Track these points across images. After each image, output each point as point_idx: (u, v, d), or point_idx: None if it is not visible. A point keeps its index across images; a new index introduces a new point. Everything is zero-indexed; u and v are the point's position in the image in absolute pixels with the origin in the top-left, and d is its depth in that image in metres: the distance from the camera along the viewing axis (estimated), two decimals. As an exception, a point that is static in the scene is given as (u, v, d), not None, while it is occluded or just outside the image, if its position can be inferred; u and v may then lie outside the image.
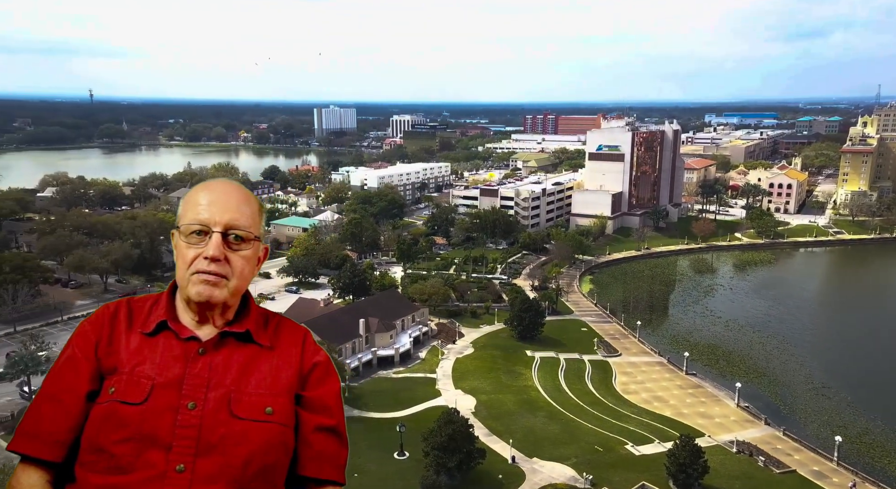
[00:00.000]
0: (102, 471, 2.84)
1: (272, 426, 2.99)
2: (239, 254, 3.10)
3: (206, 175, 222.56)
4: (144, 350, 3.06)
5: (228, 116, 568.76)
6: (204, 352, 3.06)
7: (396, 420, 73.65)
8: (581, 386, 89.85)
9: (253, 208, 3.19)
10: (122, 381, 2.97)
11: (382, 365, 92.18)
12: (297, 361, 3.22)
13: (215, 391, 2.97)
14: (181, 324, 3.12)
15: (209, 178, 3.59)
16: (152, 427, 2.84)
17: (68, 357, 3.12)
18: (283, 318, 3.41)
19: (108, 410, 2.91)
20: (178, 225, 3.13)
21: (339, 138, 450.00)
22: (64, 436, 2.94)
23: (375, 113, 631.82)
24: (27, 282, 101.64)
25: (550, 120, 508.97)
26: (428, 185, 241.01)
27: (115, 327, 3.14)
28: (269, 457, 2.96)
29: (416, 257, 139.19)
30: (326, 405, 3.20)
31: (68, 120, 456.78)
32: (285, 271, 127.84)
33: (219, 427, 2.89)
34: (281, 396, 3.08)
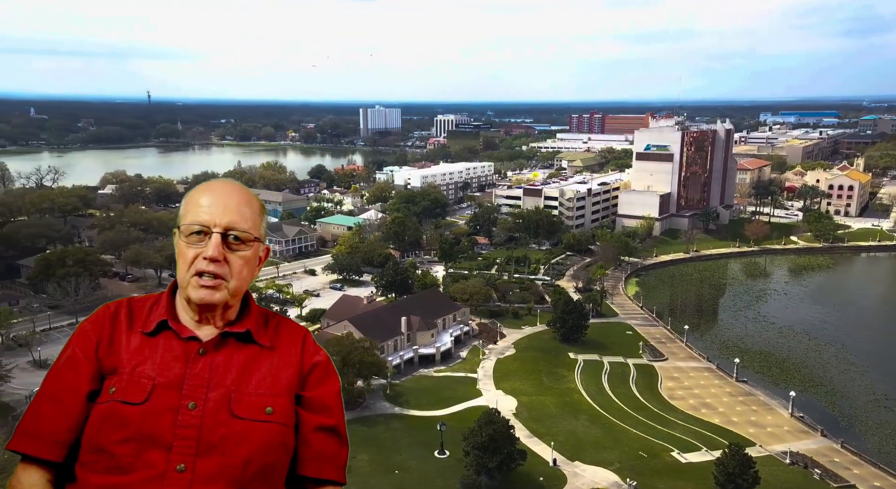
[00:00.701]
0: (103, 470, 2.84)
1: (272, 426, 2.99)
2: (238, 255, 3.09)
3: (255, 174, 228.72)
4: (145, 350, 3.06)
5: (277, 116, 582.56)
6: (204, 353, 3.06)
7: (437, 418, 73.76)
8: (625, 390, 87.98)
9: (254, 210, 3.18)
10: (122, 381, 2.96)
11: (423, 363, 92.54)
12: (297, 361, 3.21)
13: (216, 391, 2.96)
14: (181, 325, 3.12)
15: (261, 176, 3.52)
16: (153, 427, 2.84)
17: (69, 357, 3.11)
18: (283, 318, 3.40)
19: (109, 410, 2.90)
20: (179, 224, 3.13)
21: (383, 138, 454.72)
22: (64, 436, 2.94)
23: (420, 113, 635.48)
24: (88, 276, 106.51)
25: (597, 119, 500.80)
26: (471, 184, 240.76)
27: (116, 327, 3.14)
28: (269, 457, 2.95)
29: (458, 256, 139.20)
30: (326, 405, 3.19)
31: (127, 120, 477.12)
32: (330, 269, 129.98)
33: (219, 427, 2.89)
34: (281, 396, 3.08)
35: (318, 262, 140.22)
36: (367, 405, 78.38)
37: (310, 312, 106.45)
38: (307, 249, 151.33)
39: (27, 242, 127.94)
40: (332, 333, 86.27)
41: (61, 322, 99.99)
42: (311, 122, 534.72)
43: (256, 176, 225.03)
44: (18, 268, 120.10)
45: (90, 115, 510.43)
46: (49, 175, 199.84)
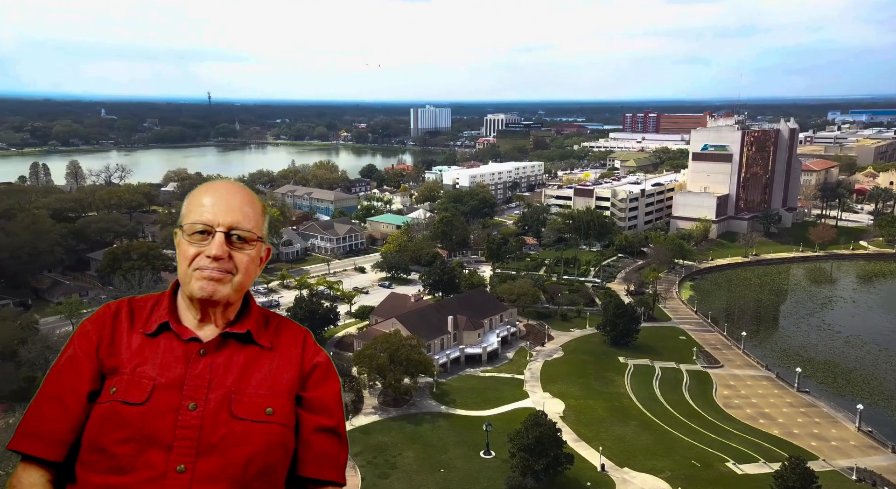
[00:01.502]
0: (103, 470, 2.83)
1: (273, 427, 2.99)
2: (241, 254, 3.11)
3: (308, 172, 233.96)
4: (146, 350, 3.05)
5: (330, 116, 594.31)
6: (205, 353, 3.05)
7: (482, 418, 73.45)
8: (677, 396, 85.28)
9: (256, 209, 3.19)
10: (123, 381, 2.96)
11: (470, 363, 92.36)
12: (298, 362, 3.21)
13: (216, 392, 2.96)
14: (182, 326, 3.12)
15: (314, 175, 3.42)
16: (153, 427, 2.84)
17: (69, 357, 3.10)
18: (283, 319, 3.40)
19: (109, 410, 2.90)
20: (181, 224, 3.12)
21: (433, 137, 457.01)
22: (65, 436, 2.93)
23: (470, 112, 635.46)
24: (151, 269, 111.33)
25: (651, 118, 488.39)
26: (520, 184, 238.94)
27: (117, 327, 3.13)
28: (269, 457, 2.95)
29: (506, 257, 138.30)
30: (326, 406, 3.19)
31: (189, 120, 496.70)
32: (379, 266, 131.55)
33: (219, 427, 2.89)
34: (281, 397, 3.08)
35: (367, 260, 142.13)
36: (414, 403, 78.82)
37: (359, 309, 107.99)
38: (357, 247, 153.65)
39: (96, 237, 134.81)
40: (380, 330, 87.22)
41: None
42: (363, 122, 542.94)
43: (309, 175, 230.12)
44: (88, 261, 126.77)
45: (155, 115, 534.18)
46: (117, 173, 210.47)
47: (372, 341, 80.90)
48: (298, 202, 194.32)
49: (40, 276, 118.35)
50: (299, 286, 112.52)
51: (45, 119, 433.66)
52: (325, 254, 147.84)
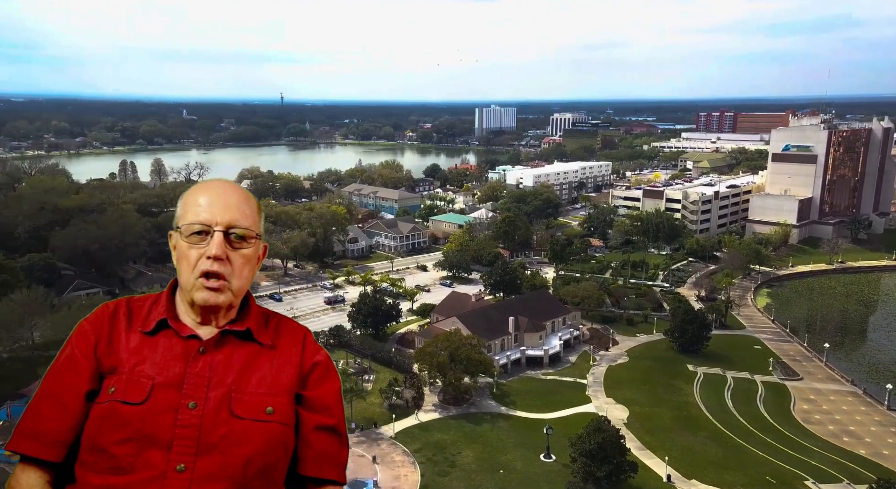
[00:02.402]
0: (103, 471, 2.82)
1: (273, 425, 2.97)
2: (240, 253, 3.10)
3: (374, 172, 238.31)
4: (144, 349, 3.03)
5: (397, 116, 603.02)
6: (204, 351, 3.03)
7: (543, 421, 72.31)
8: (751, 408, 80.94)
9: (252, 207, 3.18)
10: (122, 381, 2.94)
11: (531, 365, 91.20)
12: (298, 361, 3.18)
13: (216, 390, 2.94)
14: (181, 323, 3.09)
15: (379, 174, 3.19)
16: (153, 427, 2.83)
17: (67, 356, 3.06)
18: (283, 317, 3.35)
19: (109, 410, 2.88)
20: (178, 226, 3.10)
21: (497, 137, 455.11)
22: (64, 436, 2.92)
23: (536, 111, 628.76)
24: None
25: (728, 117, 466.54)
26: (586, 184, 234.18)
27: (115, 326, 3.10)
28: (269, 456, 2.94)
29: (570, 258, 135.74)
30: (327, 404, 3.17)
31: (262, 120, 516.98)
32: (441, 265, 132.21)
33: (219, 426, 2.88)
34: (281, 396, 3.06)
35: (429, 259, 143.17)
36: (474, 402, 78.61)
37: (420, 306, 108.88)
38: (420, 246, 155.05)
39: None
40: (441, 328, 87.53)
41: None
42: (429, 122, 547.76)
43: (375, 174, 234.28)
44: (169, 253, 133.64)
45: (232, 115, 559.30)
46: (196, 170, 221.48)
47: (433, 339, 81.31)
48: (364, 201, 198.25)
49: (126, 267, 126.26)
50: (363, 282, 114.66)
51: (134, 120, 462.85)
52: (388, 252, 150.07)
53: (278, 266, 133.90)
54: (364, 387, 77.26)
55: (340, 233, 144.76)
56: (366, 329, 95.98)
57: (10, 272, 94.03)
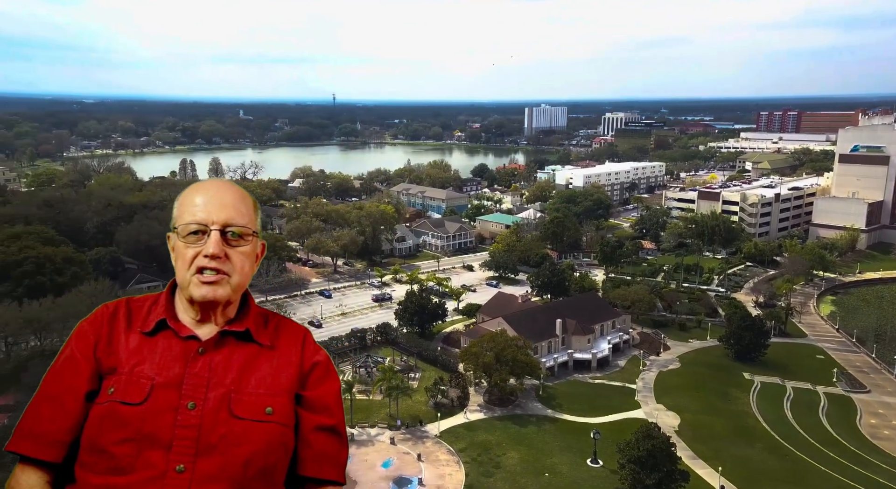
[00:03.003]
0: (102, 471, 2.82)
1: (272, 426, 2.97)
2: (238, 251, 3.09)
3: (422, 172, 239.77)
4: (144, 350, 3.03)
5: (446, 116, 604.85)
6: (204, 352, 3.03)
7: (591, 426, 70.97)
8: (813, 421, 77.10)
9: (248, 205, 3.18)
10: (121, 381, 2.94)
11: (578, 368, 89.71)
12: (297, 361, 3.18)
13: (215, 391, 2.95)
14: (181, 323, 3.09)
15: (427, 173, 3.06)
16: (152, 427, 2.83)
17: (67, 357, 3.06)
18: (282, 318, 3.35)
19: (108, 410, 2.89)
20: (175, 226, 3.11)
21: (547, 136, 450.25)
22: (63, 437, 2.92)
23: (587, 111, 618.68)
24: (277, 259, 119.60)
25: (791, 116, 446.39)
26: (638, 185, 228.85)
27: (115, 327, 3.10)
28: (269, 457, 2.94)
29: (620, 261, 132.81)
30: (326, 405, 3.17)
31: (315, 120, 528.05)
32: (487, 265, 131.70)
33: (219, 427, 2.88)
34: (281, 396, 3.06)
35: (475, 259, 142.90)
36: (519, 404, 77.93)
37: (466, 306, 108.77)
38: (466, 245, 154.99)
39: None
40: (487, 329, 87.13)
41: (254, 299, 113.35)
42: (477, 122, 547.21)
43: (423, 173, 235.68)
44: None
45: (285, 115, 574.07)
46: (251, 169, 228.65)
47: (478, 339, 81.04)
48: (412, 200, 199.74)
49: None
50: (410, 281, 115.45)
51: (194, 120, 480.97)
52: (435, 252, 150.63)
53: (328, 263, 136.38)
54: (410, 384, 77.73)
55: (388, 231, 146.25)
56: (412, 327, 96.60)
57: (79, 265, 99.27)
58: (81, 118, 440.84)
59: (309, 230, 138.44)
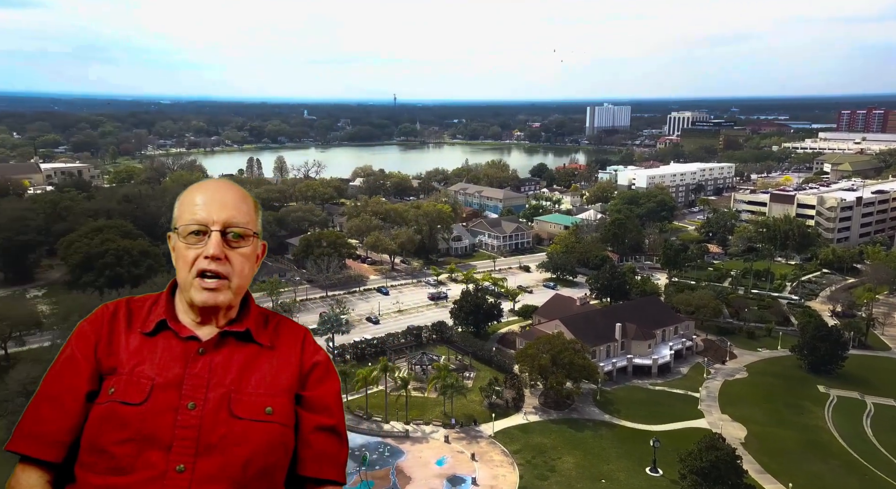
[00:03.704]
0: (103, 471, 2.83)
1: (272, 426, 2.98)
2: (238, 252, 3.09)
3: (480, 171, 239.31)
4: (144, 350, 3.04)
5: (505, 116, 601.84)
6: (204, 352, 3.04)
7: (650, 433, 68.78)
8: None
9: (249, 205, 3.17)
10: (121, 382, 2.95)
11: (638, 374, 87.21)
12: (297, 361, 3.19)
13: (215, 391, 2.96)
14: (181, 324, 3.10)
15: (485, 173, 3.04)
16: (152, 427, 2.84)
17: (67, 357, 3.06)
18: (283, 318, 3.35)
19: (108, 411, 2.90)
20: (175, 227, 3.09)
21: (609, 136, 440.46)
22: (63, 437, 2.93)
23: (651, 110, 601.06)
24: (337, 256, 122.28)
25: (877, 115, 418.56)
26: (705, 187, 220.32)
27: (115, 327, 3.11)
28: (269, 457, 2.95)
29: (684, 265, 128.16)
30: (326, 405, 3.18)
31: (376, 120, 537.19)
32: (544, 267, 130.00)
33: (219, 427, 2.89)
34: (281, 396, 3.07)
35: (532, 259, 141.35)
36: (576, 408, 76.48)
37: (522, 307, 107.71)
38: (523, 246, 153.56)
39: (294, 225, 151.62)
40: (543, 331, 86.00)
41: (315, 295, 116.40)
42: (537, 121, 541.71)
43: (481, 173, 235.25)
44: (287, 245, 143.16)
45: (348, 115, 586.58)
46: (313, 168, 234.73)
47: (534, 341, 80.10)
48: (469, 200, 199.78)
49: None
50: (466, 280, 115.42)
51: (260, 120, 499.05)
52: (491, 251, 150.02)
53: (386, 261, 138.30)
54: (464, 383, 77.68)
55: (445, 231, 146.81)
56: (467, 326, 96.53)
57: (154, 258, 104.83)
58: (158, 118, 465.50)
59: (368, 228, 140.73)
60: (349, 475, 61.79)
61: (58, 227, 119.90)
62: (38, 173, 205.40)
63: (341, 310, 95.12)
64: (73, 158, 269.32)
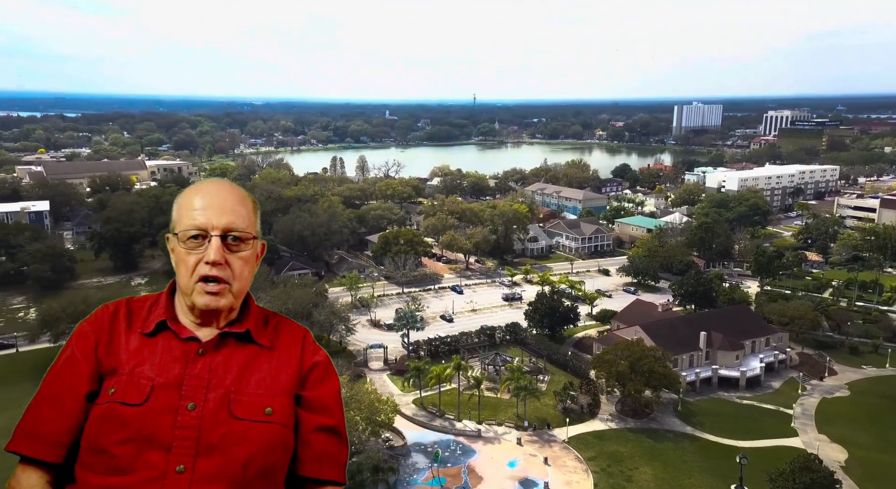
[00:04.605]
0: (103, 471, 2.84)
1: (272, 426, 2.99)
2: (238, 256, 3.10)
3: (559, 171, 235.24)
4: (144, 350, 3.06)
5: (587, 115, 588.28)
6: (204, 353, 3.05)
7: (736, 449, 64.91)
8: None
9: (248, 208, 3.17)
10: (121, 382, 2.97)
11: (723, 386, 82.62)
12: (297, 361, 3.21)
13: (215, 392, 2.98)
14: (181, 325, 3.12)
15: (564, 173, 3.02)
16: (152, 428, 2.85)
17: (67, 357, 3.08)
18: (282, 318, 3.36)
19: (108, 411, 2.91)
20: (175, 230, 3.10)
21: (698, 136, 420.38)
22: (64, 437, 2.94)
23: (745, 109, 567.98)
24: (414, 254, 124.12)
25: None
26: (804, 190, 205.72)
27: (115, 327, 3.13)
28: (269, 457, 2.96)
29: (779, 273, 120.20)
30: (326, 405, 3.19)
31: (455, 120, 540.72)
32: (625, 270, 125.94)
33: (219, 427, 2.91)
34: (281, 396, 3.08)
35: (612, 263, 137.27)
36: (655, 417, 73.47)
37: (600, 312, 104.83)
38: (602, 248, 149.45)
39: (374, 222, 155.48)
40: (622, 336, 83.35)
41: (391, 291, 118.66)
42: (621, 121, 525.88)
43: (560, 173, 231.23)
44: (367, 242, 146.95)
45: (428, 116, 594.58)
46: (393, 167, 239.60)
47: (612, 347, 77.78)
48: (547, 200, 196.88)
49: (332, 252, 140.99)
50: (541, 282, 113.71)
51: (344, 120, 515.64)
52: (568, 253, 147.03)
53: (461, 260, 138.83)
54: (538, 386, 76.53)
55: (521, 231, 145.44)
56: (542, 329, 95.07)
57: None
58: (250, 118, 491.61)
59: (444, 227, 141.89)
60: (422, 470, 62.50)
61: (159, 219, 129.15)
62: (143, 170, 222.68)
63: (416, 307, 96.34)
64: (174, 156, 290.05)
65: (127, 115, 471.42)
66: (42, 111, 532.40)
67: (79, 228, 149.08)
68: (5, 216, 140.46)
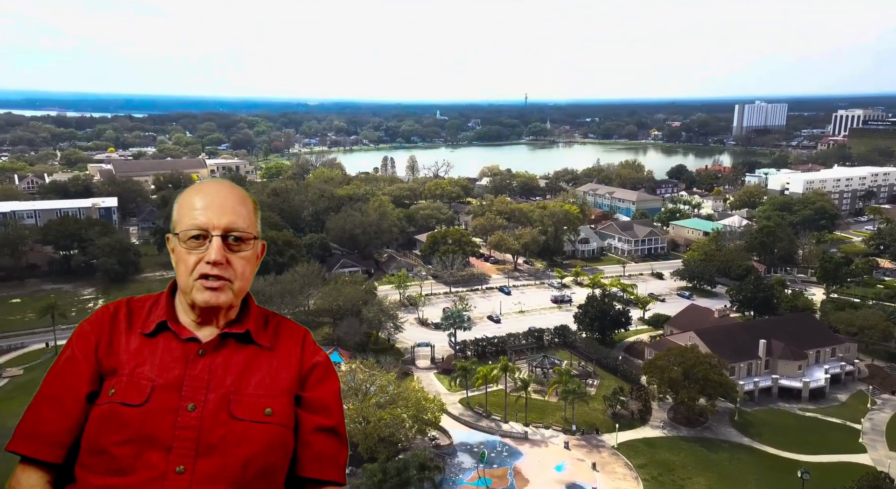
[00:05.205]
0: (103, 472, 2.85)
1: (272, 427, 3.00)
2: (239, 256, 3.11)
3: (612, 172, 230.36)
4: (144, 351, 3.07)
5: (642, 114, 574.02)
6: (204, 354, 3.06)
7: (798, 463, 61.97)
8: None
9: (248, 208, 3.18)
10: (122, 383, 2.97)
11: (784, 396, 78.99)
12: (297, 362, 3.21)
13: (215, 392, 2.98)
14: (181, 325, 3.12)
15: (618, 174, 3.02)
16: (152, 428, 2.86)
17: (68, 358, 3.09)
18: (283, 319, 3.36)
19: (109, 411, 2.91)
20: (175, 230, 3.11)
21: (760, 136, 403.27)
22: (64, 438, 2.94)
23: (813, 108, 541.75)
24: (461, 254, 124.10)
25: None
26: (877, 193, 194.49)
27: (115, 328, 3.14)
28: (269, 457, 2.97)
29: (846, 280, 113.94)
30: (326, 405, 3.19)
31: (506, 120, 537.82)
32: (679, 274, 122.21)
33: (218, 428, 2.91)
34: (280, 397, 3.09)
35: (666, 266, 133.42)
36: (709, 426, 70.97)
37: (652, 316, 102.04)
38: (656, 251, 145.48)
39: (423, 222, 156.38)
40: (675, 342, 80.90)
41: (439, 290, 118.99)
42: (677, 121, 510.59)
43: (613, 174, 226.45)
44: (415, 241, 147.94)
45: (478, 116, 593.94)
46: (443, 167, 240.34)
47: (665, 352, 75.57)
48: (599, 201, 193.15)
49: (381, 251, 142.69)
50: (592, 285, 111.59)
51: (395, 120, 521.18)
52: (620, 256, 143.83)
53: (509, 261, 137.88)
54: (587, 390, 75.13)
55: (571, 232, 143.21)
56: (591, 332, 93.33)
57: (296, 248, 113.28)
58: (305, 119, 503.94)
59: (492, 227, 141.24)
60: (468, 470, 62.38)
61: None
62: (203, 168, 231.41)
63: (464, 306, 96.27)
64: (232, 155, 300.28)
65: (189, 115, 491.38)
66: (112, 111, 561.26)
67: (144, 224, 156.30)
68: (77, 211, 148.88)
